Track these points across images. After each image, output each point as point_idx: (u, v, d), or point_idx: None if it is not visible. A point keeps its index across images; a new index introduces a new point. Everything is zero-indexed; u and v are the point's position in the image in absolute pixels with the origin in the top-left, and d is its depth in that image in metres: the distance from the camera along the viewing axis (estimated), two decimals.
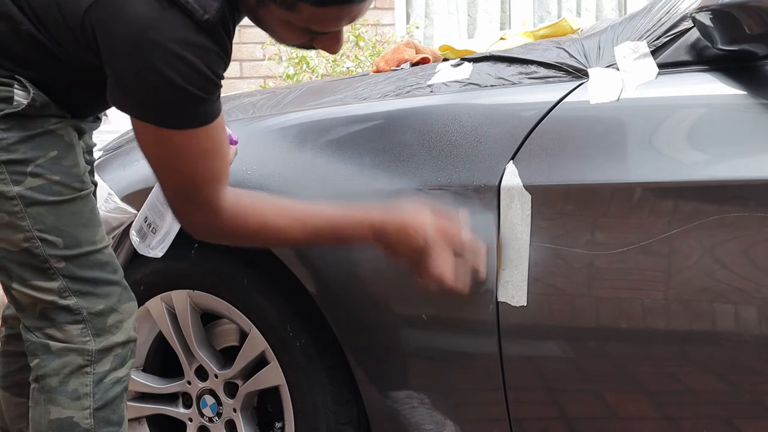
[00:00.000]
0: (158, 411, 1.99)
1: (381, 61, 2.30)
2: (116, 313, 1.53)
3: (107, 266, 1.54)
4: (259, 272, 1.79)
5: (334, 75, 4.59)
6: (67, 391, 1.51)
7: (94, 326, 1.51)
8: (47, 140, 1.47)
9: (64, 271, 1.49)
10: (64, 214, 1.49)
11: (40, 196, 1.46)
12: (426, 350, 1.63)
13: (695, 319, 1.47)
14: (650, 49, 1.55)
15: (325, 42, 1.45)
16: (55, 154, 1.47)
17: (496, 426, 1.62)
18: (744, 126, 1.47)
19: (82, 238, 1.50)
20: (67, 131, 1.50)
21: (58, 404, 1.51)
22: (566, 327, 1.54)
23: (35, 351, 1.53)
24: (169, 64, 1.31)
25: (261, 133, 1.81)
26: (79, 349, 1.51)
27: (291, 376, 1.78)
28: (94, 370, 1.52)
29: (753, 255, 1.43)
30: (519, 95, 1.63)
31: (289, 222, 1.51)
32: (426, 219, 1.52)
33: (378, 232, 1.52)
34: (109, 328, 1.53)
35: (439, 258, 1.51)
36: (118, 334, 1.54)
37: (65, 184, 1.48)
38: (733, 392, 1.50)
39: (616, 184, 1.49)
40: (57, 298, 1.50)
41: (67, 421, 1.51)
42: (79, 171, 1.51)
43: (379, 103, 1.75)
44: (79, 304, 1.50)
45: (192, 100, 1.35)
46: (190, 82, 1.33)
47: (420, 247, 1.50)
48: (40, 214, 1.46)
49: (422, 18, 5.90)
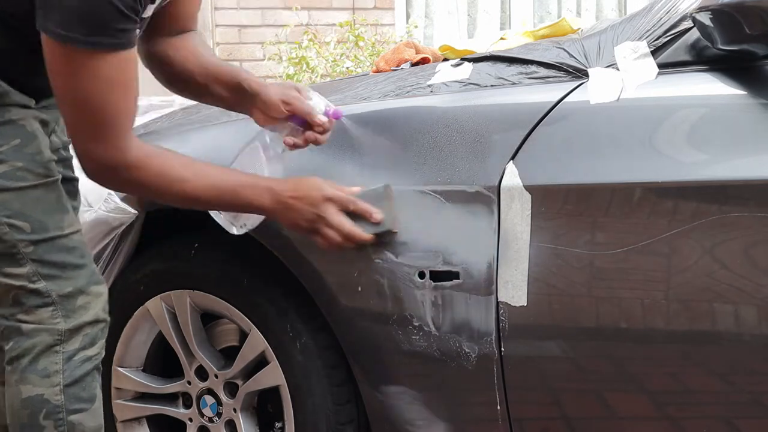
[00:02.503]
0: (158, 411, 1.99)
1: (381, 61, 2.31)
2: (84, 295, 1.55)
3: (75, 251, 1.56)
4: (259, 272, 1.79)
5: (334, 75, 4.59)
6: (37, 369, 1.53)
7: (63, 308, 1.54)
8: (8, 129, 1.49)
9: (32, 256, 1.51)
10: (29, 199, 1.51)
11: (4, 182, 1.48)
12: (426, 350, 1.62)
13: (695, 319, 1.47)
14: (650, 49, 1.56)
15: None
16: (18, 143, 1.49)
17: (496, 426, 1.62)
18: (744, 126, 1.47)
19: (50, 223, 1.52)
20: (29, 122, 1.52)
21: (28, 383, 1.53)
22: (566, 327, 1.54)
23: (9, 335, 1.55)
24: None
25: None
26: (50, 329, 1.53)
27: (291, 376, 1.78)
28: (63, 349, 1.54)
29: (753, 255, 1.43)
30: (519, 95, 1.63)
31: (194, 174, 1.54)
32: (317, 183, 1.58)
33: (275, 194, 1.56)
34: (77, 309, 1.55)
35: (333, 219, 1.56)
36: (86, 315, 1.56)
37: (29, 170, 1.50)
38: (733, 392, 1.50)
39: (616, 184, 1.49)
40: (26, 282, 1.52)
41: (38, 398, 1.53)
42: (43, 158, 1.52)
43: (379, 103, 1.75)
44: (48, 287, 1.53)
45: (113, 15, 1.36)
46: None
47: (314, 212, 1.56)
48: (6, 200, 1.48)
49: (422, 18, 5.90)
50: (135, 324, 1.95)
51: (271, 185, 1.58)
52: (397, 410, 1.70)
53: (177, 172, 1.53)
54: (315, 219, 1.57)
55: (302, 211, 1.57)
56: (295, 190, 1.57)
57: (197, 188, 1.54)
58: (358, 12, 5.47)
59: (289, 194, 1.57)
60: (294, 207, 1.57)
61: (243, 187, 1.57)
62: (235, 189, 1.56)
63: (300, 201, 1.57)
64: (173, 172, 1.53)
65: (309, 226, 1.58)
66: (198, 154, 1.83)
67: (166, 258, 1.90)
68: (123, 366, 1.98)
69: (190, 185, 1.53)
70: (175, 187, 1.53)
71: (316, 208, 1.57)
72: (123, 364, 1.98)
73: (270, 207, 1.57)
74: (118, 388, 2.00)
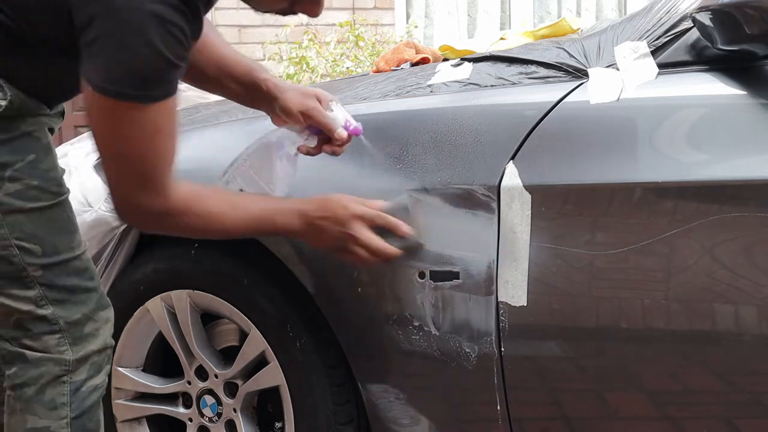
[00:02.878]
0: (158, 411, 1.99)
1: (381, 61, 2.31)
2: (92, 321, 1.51)
3: (85, 272, 1.51)
4: (259, 272, 1.79)
5: (334, 75, 4.59)
6: (44, 401, 1.48)
7: (71, 335, 1.49)
8: (25, 143, 1.43)
9: (41, 280, 1.46)
10: (43, 221, 1.45)
11: (18, 202, 1.42)
12: (426, 350, 1.63)
13: (695, 319, 1.47)
14: (650, 49, 1.56)
15: (306, 5, 1.45)
16: (33, 158, 1.43)
17: (496, 426, 1.62)
18: (744, 126, 1.47)
19: (61, 245, 1.47)
20: (43, 133, 1.46)
21: (34, 414, 1.49)
22: (566, 327, 1.54)
23: (12, 360, 1.50)
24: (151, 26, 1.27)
25: (261, 133, 1.81)
26: (57, 359, 1.48)
27: (291, 376, 1.78)
28: (71, 380, 1.50)
29: (753, 255, 1.43)
30: (519, 95, 1.63)
31: (231, 208, 1.51)
32: (344, 201, 1.55)
33: (304, 217, 1.53)
34: (85, 337, 1.50)
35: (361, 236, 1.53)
36: (94, 342, 1.51)
37: (44, 188, 1.44)
38: (733, 392, 1.50)
39: (616, 184, 1.49)
40: (34, 307, 1.46)
41: (44, 431, 1.49)
42: (57, 174, 1.48)
43: (379, 103, 1.75)
44: (56, 314, 1.47)
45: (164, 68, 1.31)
46: (168, 46, 1.29)
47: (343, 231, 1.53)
48: (19, 221, 1.42)
49: (422, 18, 5.90)
50: (135, 324, 1.95)
51: (300, 208, 1.54)
52: (397, 410, 1.70)
53: (217, 209, 1.49)
54: (345, 238, 1.54)
55: (331, 232, 1.54)
56: (323, 211, 1.54)
57: (237, 222, 1.51)
58: (358, 12, 5.47)
59: (317, 215, 1.53)
60: (323, 228, 1.54)
61: (277, 213, 1.54)
62: (272, 217, 1.53)
63: (328, 221, 1.54)
64: (213, 211, 1.49)
65: (339, 245, 1.55)
66: (198, 154, 1.83)
67: (166, 258, 1.90)
68: (123, 366, 1.98)
69: (230, 220, 1.50)
70: (215, 225, 1.50)
71: (345, 227, 1.53)
72: (123, 364, 1.98)
73: (300, 230, 1.55)
74: (118, 388, 1.99)
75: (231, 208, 1.51)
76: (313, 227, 1.53)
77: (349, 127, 1.63)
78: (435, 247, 1.59)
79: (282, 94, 1.64)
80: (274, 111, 1.66)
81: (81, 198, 1.90)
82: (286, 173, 1.64)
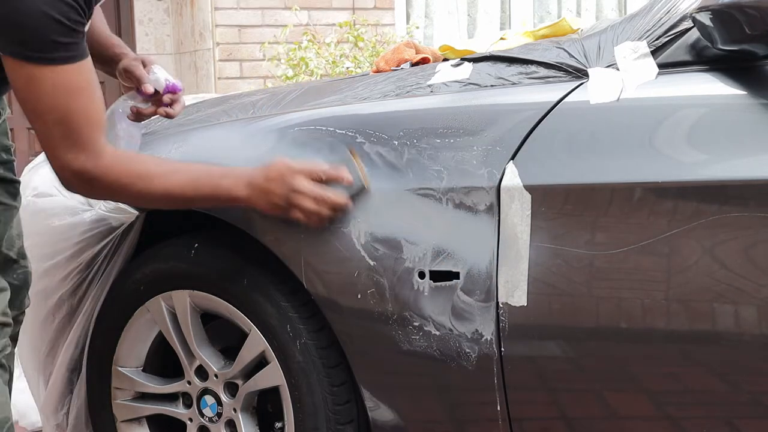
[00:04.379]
0: (158, 411, 1.99)
1: (381, 61, 2.30)
2: None
3: None
4: (259, 272, 1.79)
5: (334, 75, 4.59)
6: None
7: None
8: None
9: None
10: None
11: None
12: (426, 350, 1.63)
13: (695, 319, 1.47)
14: (650, 49, 1.56)
15: None
16: None
17: (496, 426, 1.62)
18: (744, 126, 1.47)
19: None
20: None
21: None
22: (566, 327, 1.54)
23: None
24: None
25: (261, 133, 1.81)
26: None
27: (291, 376, 1.78)
28: None
29: (753, 255, 1.43)
30: (519, 95, 1.63)
31: (172, 171, 1.62)
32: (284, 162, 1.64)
33: (249, 182, 1.62)
34: None
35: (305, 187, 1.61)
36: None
37: None
38: (733, 392, 1.50)
39: (616, 184, 1.49)
40: None
41: None
42: None
43: (379, 103, 1.75)
44: None
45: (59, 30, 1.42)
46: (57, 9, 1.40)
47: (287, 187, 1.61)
48: None
49: (422, 18, 5.90)
50: (135, 324, 1.95)
51: (245, 173, 1.64)
52: (396, 410, 1.70)
53: (156, 170, 1.59)
54: (289, 193, 1.61)
55: (275, 190, 1.62)
56: (264, 173, 1.63)
57: (179, 183, 1.60)
58: (358, 12, 5.48)
59: (262, 177, 1.62)
60: (267, 188, 1.62)
61: (223, 177, 1.63)
62: (217, 181, 1.63)
63: (273, 182, 1.62)
64: (153, 172, 1.58)
65: (285, 203, 1.62)
66: (198, 154, 1.83)
67: (166, 258, 1.90)
68: (123, 366, 1.98)
69: (171, 182, 1.59)
70: (157, 186, 1.58)
71: (287, 183, 1.61)
72: (123, 364, 1.98)
73: (246, 195, 1.63)
74: (118, 388, 2.00)
75: (172, 170, 1.62)
76: (257, 189, 1.62)
77: (168, 85, 1.81)
78: (435, 247, 1.60)
79: (121, 60, 1.81)
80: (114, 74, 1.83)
81: (81, 198, 1.90)
82: (129, 135, 1.79)
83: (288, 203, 1.62)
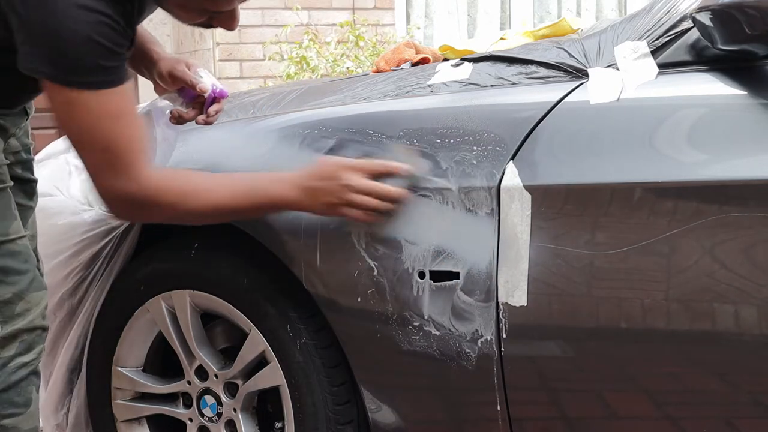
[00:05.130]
0: (158, 411, 1.99)
1: (381, 61, 2.30)
2: (23, 302, 1.56)
3: (18, 255, 1.57)
4: (259, 272, 1.79)
5: (335, 75, 4.59)
6: None
7: (2, 314, 1.54)
8: None
9: None
10: None
11: None
12: (426, 350, 1.63)
13: (695, 319, 1.47)
14: (650, 49, 1.56)
15: (222, 20, 1.53)
16: None
17: (496, 426, 1.62)
18: (744, 126, 1.47)
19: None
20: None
21: None
22: (566, 327, 1.54)
23: None
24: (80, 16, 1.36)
25: (261, 133, 1.81)
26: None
27: (291, 376, 1.78)
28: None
29: (753, 255, 1.43)
30: (519, 95, 1.63)
31: (217, 184, 1.57)
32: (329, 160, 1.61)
33: (296, 184, 1.57)
34: (16, 316, 1.55)
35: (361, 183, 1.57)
36: (24, 322, 1.56)
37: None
38: (733, 392, 1.50)
39: (616, 184, 1.49)
40: None
41: None
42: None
43: (379, 102, 1.75)
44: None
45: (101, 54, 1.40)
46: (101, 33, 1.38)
47: (339, 184, 1.56)
48: None
49: (422, 18, 5.89)
50: (135, 324, 1.95)
51: (290, 176, 1.59)
52: (396, 410, 1.70)
53: (203, 186, 1.55)
54: (342, 190, 1.57)
55: (328, 189, 1.57)
56: (313, 173, 1.58)
57: (227, 197, 1.56)
58: (358, 12, 5.47)
59: (309, 178, 1.58)
60: (319, 188, 1.57)
61: (270, 183, 1.59)
62: (265, 188, 1.58)
63: (322, 180, 1.57)
64: (200, 187, 1.54)
65: (340, 201, 1.58)
66: (198, 154, 1.83)
67: (166, 258, 1.90)
68: (123, 366, 1.98)
69: (218, 195, 1.55)
70: (203, 201, 1.54)
71: (340, 180, 1.57)
72: (123, 364, 1.98)
73: (297, 197, 1.58)
74: (118, 388, 2.00)
75: (216, 183, 1.57)
76: (307, 191, 1.57)
77: (216, 90, 1.73)
78: (435, 247, 1.59)
79: (159, 61, 1.74)
80: (153, 77, 1.76)
81: (82, 197, 1.90)
82: (166, 138, 1.72)
83: (344, 201, 1.58)
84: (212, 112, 1.72)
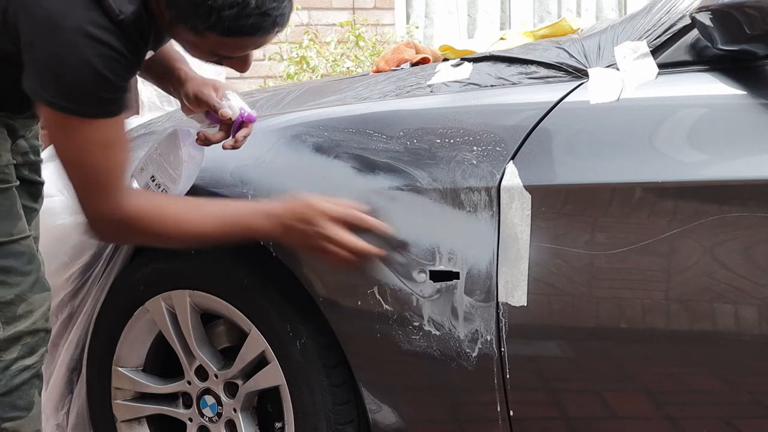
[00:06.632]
0: (158, 411, 1.99)
1: (381, 61, 2.30)
2: (26, 303, 1.56)
3: (22, 256, 1.57)
4: (259, 272, 1.79)
5: (334, 75, 4.59)
6: None
7: (4, 315, 1.54)
8: None
9: None
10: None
11: None
12: (426, 350, 1.62)
13: (695, 319, 1.47)
14: (650, 49, 1.56)
15: (234, 63, 1.52)
16: None
17: (496, 426, 1.62)
18: (744, 126, 1.47)
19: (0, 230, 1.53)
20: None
21: None
22: (566, 327, 1.54)
23: None
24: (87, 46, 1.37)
25: (261, 133, 1.81)
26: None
27: (291, 376, 1.78)
28: (0, 358, 1.55)
29: (753, 255, 1.43)
30: (519, 95, 1.63)
31: (199, 214, 1.57)
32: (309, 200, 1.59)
33: (273, 218, 1.58)
34: (18, 318, 1.55)
35: (336, 235, 1.57)
36: (26, 324, 1.56)
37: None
38: (733, 392, 1.50)
39: (616, 184, 1.49)
40: None
41: None
42: (0, 162, 1.54)
43: (379, 103, 1.75)
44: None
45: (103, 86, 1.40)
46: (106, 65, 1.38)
47: (314, 230, 1.57)
48: None
49: (422, 18, 5.89)
50: (135, 324, 1.95)
51: (270, 210, 1.59)
52: (397, 410, 1.70)
53: (184, 214, 1.56)
54: (316, 236, 1.57)
55: (304, 232, 1.58)
56: (294, 213, 1.58)
57: (207, 226, 1.57)
58: (358, 12, 5.47)
59: (290, 218, 1.58)
60: (296, 228, 1.58)
61: (250, 216, 1.59)
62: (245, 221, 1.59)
63: (300, 223, 1.57)
64: (181, 216, 1.56)
65: (315, 245, 1.58)
66: None
67: (166, 258, 1.90)
68: (123, 366, 1.98)
69: (200, 225, 1.56)
70: (184, 229, 1.56)
71: (316, 226, 1.57)
72: (123, 364, 1.98)
73: (277, 233, 1.60)
74: (118, 388, 1.99)
75: (199, 213, 1.57)
76: (287, 228, 1.58)
77: (243, 114, 1.69)
78: (435, 247, 1.59)
79: (187, 82, 1.72)
80: (180, 98, 1.73)
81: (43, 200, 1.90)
82: (191, 158, 1.70)
83: (317, 246, 1.59)
84: (240, 137, 1.69)
